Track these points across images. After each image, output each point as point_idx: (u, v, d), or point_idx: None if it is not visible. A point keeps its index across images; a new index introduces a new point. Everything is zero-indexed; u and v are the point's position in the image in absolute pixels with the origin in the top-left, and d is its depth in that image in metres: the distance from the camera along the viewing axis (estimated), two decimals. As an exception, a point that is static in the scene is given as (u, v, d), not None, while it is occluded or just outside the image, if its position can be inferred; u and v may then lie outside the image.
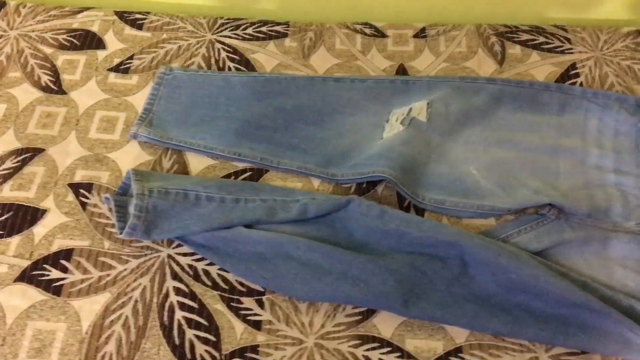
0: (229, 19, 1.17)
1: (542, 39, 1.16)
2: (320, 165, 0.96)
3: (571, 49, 1.15)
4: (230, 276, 0.85)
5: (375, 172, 0.90)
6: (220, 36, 1.14)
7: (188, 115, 1.01)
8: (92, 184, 0.93)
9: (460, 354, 0.79)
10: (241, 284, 0.84)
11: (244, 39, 1.14)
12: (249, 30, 1.15)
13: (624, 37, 1.17)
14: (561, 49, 1.14)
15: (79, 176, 0.94)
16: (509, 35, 1.17)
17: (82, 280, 0.84)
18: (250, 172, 0.96)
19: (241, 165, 0.97)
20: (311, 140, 0.99)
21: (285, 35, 1.15)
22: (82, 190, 0.92)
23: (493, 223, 0.91)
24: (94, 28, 1.13)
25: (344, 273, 0.81)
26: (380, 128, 1.00)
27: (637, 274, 0.84)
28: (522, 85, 1.04)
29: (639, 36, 1.17)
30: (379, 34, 1.17)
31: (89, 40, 1.11)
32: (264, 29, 1.16)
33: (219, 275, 0.85)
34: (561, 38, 1.16)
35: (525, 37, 1.16)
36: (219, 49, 1.11)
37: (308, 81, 1.06)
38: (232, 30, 1.15)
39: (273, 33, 1.15)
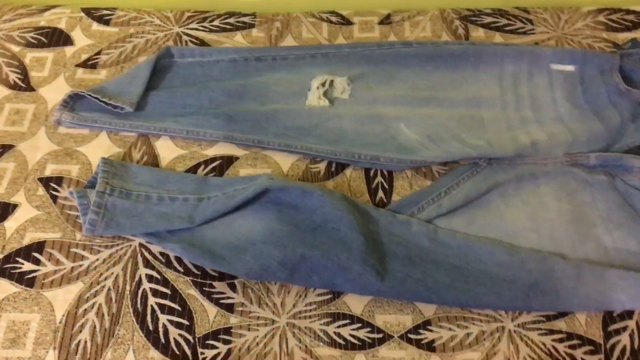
0: (195, 11, 1.18)
1: (504, 21, 1.18)
2: (244, 132, 0.98)
3: (533, 29, 1.17)
4: (202, 261, 0.86)
5: (303, 149, 0.97)
6: (188, 29, 1.15)
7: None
8: (62, 177, 0.93)
9: (428, 327, 0.81)
10: (213, 270, 0.86)
11: (211, 30, 1.15)
12: (216, 22, 1.16)
13: (584, 16, 1.20)
14: (523, 30, 1.17)
15: (49, 170, 0.94)
16: (472, 18, 1.19)
17: (55, 272, 0.84)
18: (219, 161, 0.97)
19: (210, 154, 0.98)
20: (235, 110, 1.01)
21: (252, 25, 1.16)
22: (52, 184, 0.93)
23: (428, 182, 0.96)
24: (61, 25, 1.14)
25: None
26: (303, 96, 1.04)
27: (573, 205, 0.91)
28: (437, 45, 1.09)
29: (599, 15, 1.19)
30: (345, 21, 1.18)
31: (56, 37, 1.12)
32: (231, 20, 1.17)
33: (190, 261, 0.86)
34: (523, 19, 1.19)
35: (488, 20, 1.19)
36: (186, 41, 1.12)
37: (231, 63, 1.08)
38: (199, 22, 1.16)
39: (240, 24, 1.17)
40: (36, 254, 0.86)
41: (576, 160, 0.95)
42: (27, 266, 0.85)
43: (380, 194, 0.95)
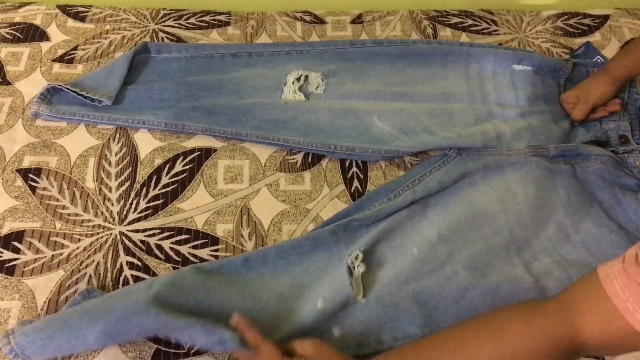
0: (171, 9, 1.20)
1: (470, 22, 1.24)
2: (223, 124, 1.00)
3: (497, 30, 1.23)
4: (183, 248, 0.88)
5: (280, 140, 0.99)
6: (164, 26, 1.17)
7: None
8: (41, 168, 0.94)
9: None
10: (193, 255, 0.88)
11: (187, 28, 1.17)
12: (192, 20, 1.19)
13: (544, 20, 1.26)
14: (488, 30, 1.23)
15: (27, 162, 0.95)
16: (440, 19, 1.24)
17: (35, 260, 0.85)
18: (198, 152, 0.99)
19: (189, 146, 1.00)
20: (213, 104, 1.03)
21: (227, 23, 1.19)
22: (31, 175, 0.93)
23: (401, 173, 1.00)
24: (37, 21, 1.14)
25: None
26: (279, 91, 1.07)
27: (537, 190, 0.96)
28: (407, 44, 1.14)
29: (557, 20, 1.26)
30: (318, 20, 1.22)
31: (32, 33, 1.12)
32: (206, 18, 1.19)
33: (171, 248, 0.88)
34: (488, 21, 1.25)
35: (455, 20, 1.24)
36: (162, 38, 1.14)
37: (207, 59, 1.10)
38: (175, 20, 1.18)
39: (216, 22, 1.19)
40: (16, 243, 0.86)
41: (537, 151, 1.00)
42: (6, 255, 0.85)
43: (356, 183, 0.98)
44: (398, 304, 0.83)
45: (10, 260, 0.85)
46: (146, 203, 0.92)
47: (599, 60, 1.13)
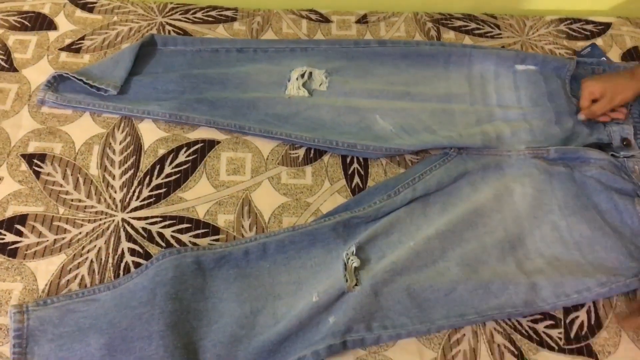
0: (178, 3, 1.22)
1: (473, 25, 1.25)
2: (226, 117, 1.01)
3: (500, 34, 1.24)
4: (184, 237, 0.89)
5: (283, 135, 1.00)
6: (171, 19, 1.18)
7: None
8: (46, 154, 0.95)
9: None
10: (194, 243, 0.88)
11: (193, 22, 1.18)
12: (199, 15, 1.20)
13: (547, 24, 1.28)
14: (491, 34, 1.24)
15: (32, 147, 0.95)
16: (444, 22, 1.26)
17: (38, 243, 0.86)
18: (201, 144, 1.00)
19: (192, 137, 1.01)
20: (217, 97, 1.04)
21: (234, 19, 1.20)
22: (35, 161, 0.94)
23: (402, 170, 1.01)
24: (45, 10, 1.15)
25: None
26: (283, 86, 1.08)
27: (534, 190, 0.97)
28: (410, 45, 1.15)
29: (560, 24, 1.28)
30: (324, 19, 1.23)
31: (40, 22, 1.13)
32: (213, 13, 1.21)
33: (172, 237, 0.89)
34: (491, 24, 1.26)
35: (458, 23, 1.25)
36: (169, 31, 1.15)
37: (212, 53, 1.12)
38: (182, 14, 1.19)
39: (222, 17, 1.20)
40: (19, 226, 0.87)
41: (537, 153, 1.01)
42: (9, 237, 0.86)
43: (357, 179, 0.99)
44: (390, 293, 0.84)
45: (13, 242, 0.85)
46: (149, 191, 0.93)
47: (604, 59, 1.14)
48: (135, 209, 0.91)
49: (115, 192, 0.93)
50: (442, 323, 0.83)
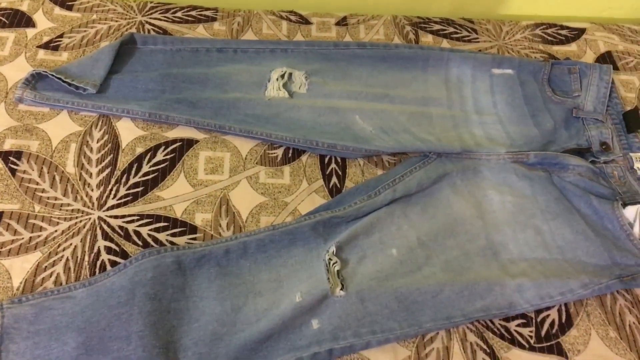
0: (158, 3, 1.22)
1: (451, 29, 1.27)
2: (207, 117, 1.02)
3: (477, 38, 1.26)
4: (161, 235, 0.89)
5: (263, 135, 1.01)
6: (151, 18, 1.18)
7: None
8: (22, 152, 0.94)
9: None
10: (171, 242, 0.89)
11: (173, 21, 1.18)
12: (179, 14, 1.20)
13: (523, 29, 1.30)
14: (468, 38, 1.26)
15: (8, 145, 0.95)
16: (422, 25, 1.27)
17: (13, 241, 0.85)
18: (180, 143, 1.00)
19: (171, 136, 1.01)
20: (197, 97, 1.04)
21: (214, 19, 1.21)
22: (11, 158, 0.93)
23: (379, 171, 1.02)
24: (23, 7, 1.14)
25: None
26: (263, 87, 1.08)
27: (514, 197, 0.99)
28: (389, 47, 1.16)
29: (536, 29, 1.30)
30: (304, 21, 1.24)
31: (18, 19, 1.12)
32: (193, 13, 1.21)
33: (149, 235, 0.89)
34: (468, 29, 1.28)
35: (436, 27, 1.27)
36: (149, 30, 1.15)
37: (192, 53, 1.12)
38: (162, 13, 1.20)
39: (202, 17, 1.21)
40: (-7, 224, 0.87)
41: (517, 157, 1.03)
42: (-17, 235, 0.85)
43: (334, 179, 1.00)
44: (377, 298, 0.85)
45: (-13, 240, 0.85)
46: (126, 190, 0.93)
47: (579, 61, 1.18)
48: (112, 207, 0.91)
49: (92, 190, 0.92)
50: (430, 326, 0.84)
